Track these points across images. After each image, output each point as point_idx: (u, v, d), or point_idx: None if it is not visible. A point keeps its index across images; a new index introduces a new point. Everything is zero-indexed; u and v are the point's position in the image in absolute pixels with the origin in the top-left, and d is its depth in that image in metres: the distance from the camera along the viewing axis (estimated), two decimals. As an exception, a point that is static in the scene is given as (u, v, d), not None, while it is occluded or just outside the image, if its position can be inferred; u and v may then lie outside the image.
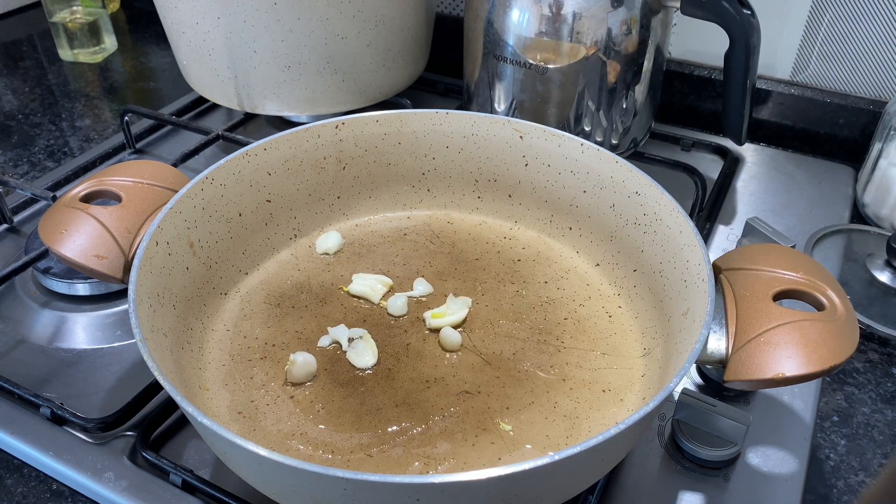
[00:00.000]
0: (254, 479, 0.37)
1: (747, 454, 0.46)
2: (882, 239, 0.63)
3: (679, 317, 0.45)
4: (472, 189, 0.60)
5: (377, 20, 0.68)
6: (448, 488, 0.32)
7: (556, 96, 0.65)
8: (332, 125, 0.56)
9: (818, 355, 0.39)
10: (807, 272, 0.43)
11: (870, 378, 0.53)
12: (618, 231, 0.53)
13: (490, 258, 0.56)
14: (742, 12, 0.59)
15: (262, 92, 0.70)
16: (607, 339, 0.50)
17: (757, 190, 0.71)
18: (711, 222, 0.66)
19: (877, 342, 0.55)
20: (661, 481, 0.45)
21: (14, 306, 0.58)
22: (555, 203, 0.57)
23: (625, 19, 0.61)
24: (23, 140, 0.80)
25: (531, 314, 0.51)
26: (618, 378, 0.47)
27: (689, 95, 0.80)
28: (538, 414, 0.44)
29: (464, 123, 0.57)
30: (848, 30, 0.72)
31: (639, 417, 0.34)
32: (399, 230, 0.59)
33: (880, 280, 0.59)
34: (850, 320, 0.41)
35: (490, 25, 0.65)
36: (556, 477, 0.35)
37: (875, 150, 0.67)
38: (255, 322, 0.51)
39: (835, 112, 0.75)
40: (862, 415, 0.50)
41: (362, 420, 0.44)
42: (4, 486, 0.45)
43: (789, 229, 0.66)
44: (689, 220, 0.46)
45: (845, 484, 0.46)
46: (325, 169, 0.57)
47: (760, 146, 0.78)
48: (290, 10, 0.64)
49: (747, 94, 0.64)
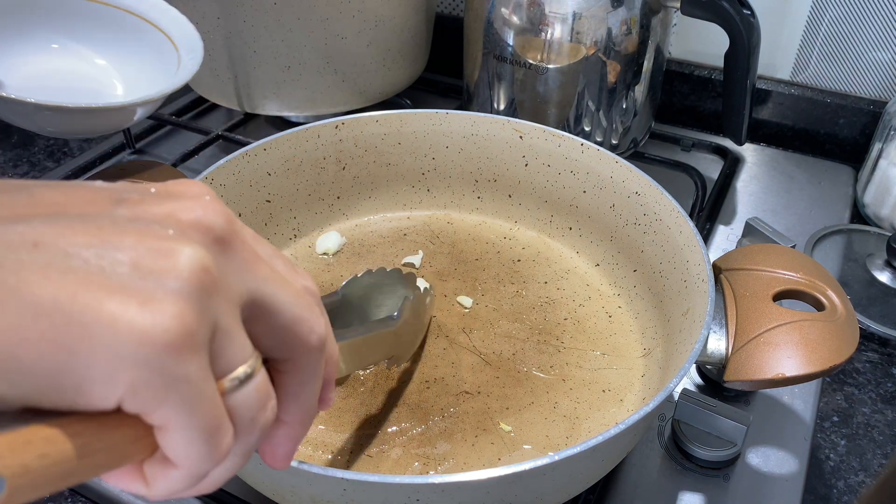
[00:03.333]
0: (253, 479, 0.37)
1: (747, 454, 0.46)
2: (882, 239, 0.63)
3: (679, 317, 0.45)
4: (472, 189, 0.60)
5: (377, 20, 0.68)
6: (448, 488, 0.32)
7: (556, 96, 0.65)
8: (331, 125, 0.56)
9: (818, 355, 0.39)
10: (807, 272, 0.43)
11: (870, 378, 0.53)
12: (618, 231, 0.53)
13: (490, 258, 0.56)
14: (742, 12, 0.59)
15: (261, 92, 0.70)
16: (607, 339, 0.50)
17: (757, 190, 0.71)
18: (711, 222, 0.66)
19: (877, 342, 0.55)
20: (661, 482, 0.45)
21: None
22: (555, 203, 0.57)
23: (625, 19, 0.61)
24: (22, 140, 0.80)
25: (531, 314, 0.51)
26: (618, 378, 0.47)
27: (689, 95, 0.80)
28: (538, 414, 0.44)
29: (464, 123, 0.57)
30: (848, 30, 0.72)
31: (639, 418, 0.34)
32: (399, 230, 0.59)
33: (880, 280, 0.59)
34: (850, 320, 0.41)
35: (490, 25, 0.65)
36: (555, 477, 0.35)
37: (875, 151, 0.67)
38: (255, 322, 0.50)
39: (835, 112, 0.75)
40: (862, 415, 0.50)
41: (362, 420, 0.44)
42: (4, 486, 0.45)
43: (789, 229, 0.66)
44: (689, 221, 0.46)
45: (845, 484, 0.46)
46: (325, 169, 0.57)
47: (760, 146, 0.78)
48: (289, 10, 0.64)
49: (747, 95, 0.64)
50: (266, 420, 0.24)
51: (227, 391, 0.22)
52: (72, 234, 0.20)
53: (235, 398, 0.22)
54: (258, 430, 0.23)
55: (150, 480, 0.22)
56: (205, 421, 0.21)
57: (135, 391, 0.20)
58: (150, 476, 0.22)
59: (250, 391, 0.23)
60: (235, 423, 0.23)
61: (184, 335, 0.20)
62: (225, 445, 0.22)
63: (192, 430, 0.21)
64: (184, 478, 0.22)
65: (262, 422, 0.23)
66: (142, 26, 0.61)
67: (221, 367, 0.22)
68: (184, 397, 0.20)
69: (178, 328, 0.20)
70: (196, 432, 0.21)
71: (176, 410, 0.20)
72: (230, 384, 0.22)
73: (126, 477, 0.22)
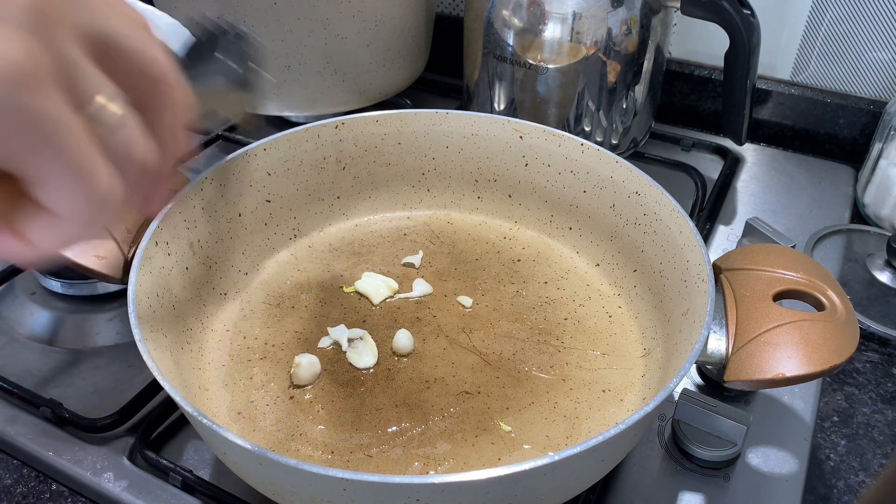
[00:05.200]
0: (253, 480, 0.37)
1: (747, 454, 0.46)
2: (882, 239, 0.63)
3: (679, 317, 0.45)
4: (472, 189, 0.60)
5: (377, 20, 0.68)
6: (448, 488, 0.32)
7: (556, 96, 0.65)
8: (331, 125, 0.56)
9: (818, 355, 0.39)
10: (807, 272, 0.43)
11: (870, 378, 0.53)
12: (618, 231, 0.53)
13: (490, 258, 0.56)
14: (742, 12, 0.59)
15: (261, 92, 0.70)
16: (607, 339, 0.50)
17: (757, 190, 0.71)
18: (711, 222, 0.66)
19: (877, 342, 0.55)
20: (661, 482, 0.45)
21: (14, 306, 0.58)
22: (555, 203, 0.57)
23: (625, 19, 0.61)
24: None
25: (531, 314, 0.51)
26: (618, 378, 0.47)
27: (690, 95, 0.80)
28: (538, 414, 0.44)
29: (464, 123, 0.57)
30: (848, 29, 0.72)
31: (639, 418, 0.34)
32: (399, 230, 0.59)
33: (880, 280, 0.59)
34: (851, 320, 0.41)
35: (490, 25, 0.65)
36: (556, 477, 0.35)
37: (875, 150, 0.67)
38: (255, 322, 0.50)
39: (835, 112, 0.75)
40: (862, 415, 0.50)
41: (362, 420, 0.44)
42: (4, 486, 0.45)
43: (789, 229, 0.66)
44: (690, 221, 0.46)
45: (845, 484, 0.46)
46: (325, 169, 0.57)
47: (760, 146, 0.78)
48: (289, 10, 0.64)
49: (747, 94, 0.64)
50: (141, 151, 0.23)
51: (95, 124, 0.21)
52: None
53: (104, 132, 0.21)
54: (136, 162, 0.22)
55: (31, 236, 0.21)
56: (76, 158, 0.20)
57: None
58: (30, 232, 0.21)
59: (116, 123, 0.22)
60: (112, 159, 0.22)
61: (32, 65, 0.19)
62: (104, 183, 0.21)
63: (65, 170, 0.20)
64: (69, 226, 0.21)
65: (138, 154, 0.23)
66: None
67: (79, 99, 0.21)
68: (48, 134, 0.19)
69: (24, 58, 0.18)
70: (70, 171, 0.20)
71: (44, 151, 0.19)
72: (94, 113, 0.21)
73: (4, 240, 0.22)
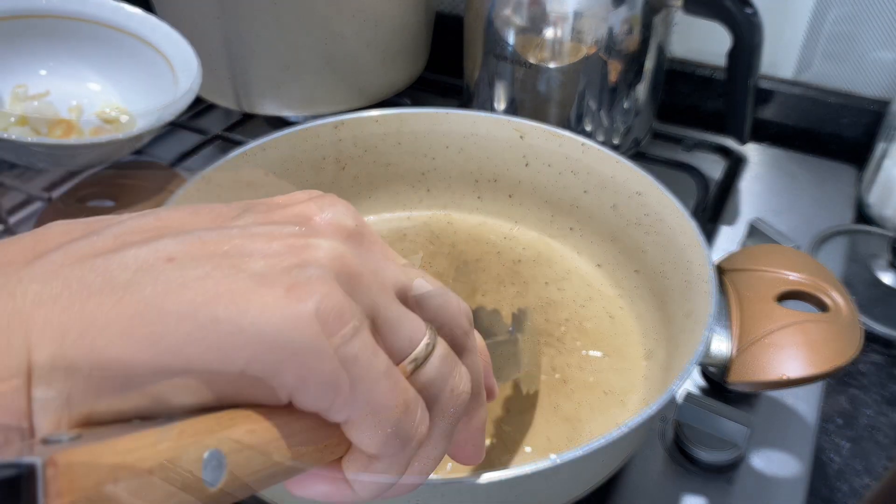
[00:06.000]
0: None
1: (750, 457, 0.46)
2: (886, 240, 0.63)
3: (681, 318, 0.45)
4: (472, 189, 0.59)
5: (377, 20, 0.67)
6: (448, 491, 0.32)
7: (557, 96, 0.64)
8: (331, 125, 0.55)
9: (822, 357, 0.39)
10: (810, 273, 0.43)
11: (874, 380, 0.53)
12: (619, 231, 0.53)
13: (490, 259, 0.56)
14: (744, 11, 0.59)
15: (260, 92, 0.69)
16: (609, 340, 0.49)
17: (760, 190, 0.71)
18: (714, 223, 0.66)
19: (881, 344, 0.55)
20: (664, 484, 0.44)
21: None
22: (556, 203, 0.57)
23: (626, 18, 0.61)
24: (21, 140, 0.80)
25: (532, 315, 0.51)
26: (619, 380, 0.46)
27: (692, 95, 0.80)
28: (539, 416, 0.44)
29: (464, 123, 0.57)
30: (852, 28, 0.71)
31: (641, 420, 0.34)
32: (399, 230, 0.59)
33: (884, 281, 0.59)
34: (854, 321, 0.41)
35: (490, 24, 0.64)
36: (557, 480, 0.34)
37: (879, 151, 0.66)
38: (254, 323, 0.50)
39: (838, 112, 0.75)
40: (866, 417, 0.50)
41: (361, 422, 0.43)
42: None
43: (792, 230, 0.65)
44: (692, 221, 0.46)
45: (849, 487, 0.46)
46: (324, 169, 0.57)
47: (763, 146, 0.77)
48: (288, 10, 0.64)
49: (750, 94, 0.63)
50: (460, 389, 0.23)
51: (412, 372, 0.21)
52: (202, 245, 0.19)
53: (422, 373, 0.22)
54: (455, 401, 0.23)
55: (354, 482, 0.22)
56: (387, 399, 0.20)
57: (303, 380, 0.19)
58: (353, 477, 0.22)
59: (434, 361, 0.22)
60: (429, 398, 0.22)
61: (337, 311, 0.19)
62: (418, 423, 0.21)
63: (376, 412, 0.20)
64: (385, 468, 0.21)
65: (458, 392, 0.23)
66: (135, 46, 0.61)
67: (400, 348, 0.21)
68: (356, 378, 0.19)
69: (330, 305, 0.19)
70: (381, 413, 0.20)
71: (353, 394, 0.19)
72: (412, 365, 0.21)
73: (331, 484, 0.22)
